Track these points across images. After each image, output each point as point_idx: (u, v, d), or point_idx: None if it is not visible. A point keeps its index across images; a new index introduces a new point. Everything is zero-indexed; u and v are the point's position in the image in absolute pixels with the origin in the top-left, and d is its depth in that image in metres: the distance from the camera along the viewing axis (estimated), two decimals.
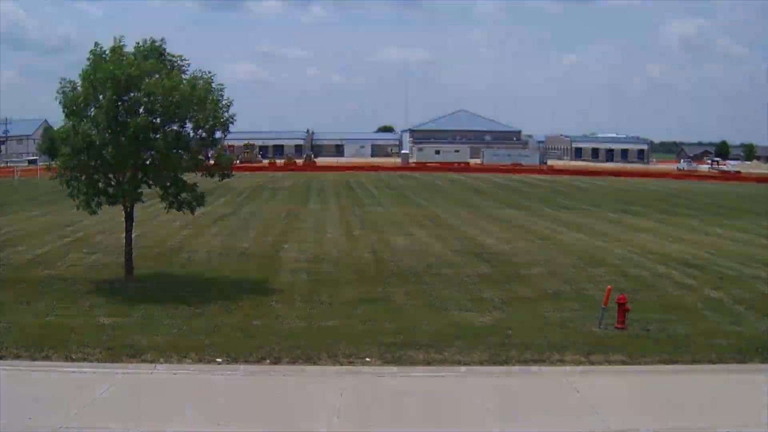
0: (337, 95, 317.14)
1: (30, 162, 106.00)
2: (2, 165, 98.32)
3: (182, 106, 17.62)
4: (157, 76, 17.73)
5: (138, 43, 18.12)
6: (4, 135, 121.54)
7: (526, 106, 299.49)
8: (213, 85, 18.36)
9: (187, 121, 18.31)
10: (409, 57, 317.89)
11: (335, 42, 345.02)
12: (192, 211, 19.52)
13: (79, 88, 17.73)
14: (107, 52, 17.63)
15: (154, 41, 18.22)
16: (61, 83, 17.82)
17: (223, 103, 18.49)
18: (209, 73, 18.46)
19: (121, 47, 17.75)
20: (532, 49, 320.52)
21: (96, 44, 17.71)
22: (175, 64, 18.43)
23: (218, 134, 18.87)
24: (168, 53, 18.37)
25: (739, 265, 23.03)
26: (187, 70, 18.56)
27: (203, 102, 17.96)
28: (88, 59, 17.72)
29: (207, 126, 18.37)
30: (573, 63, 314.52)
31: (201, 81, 18.26)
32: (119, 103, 17.55)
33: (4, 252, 23.76)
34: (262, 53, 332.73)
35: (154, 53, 18.09)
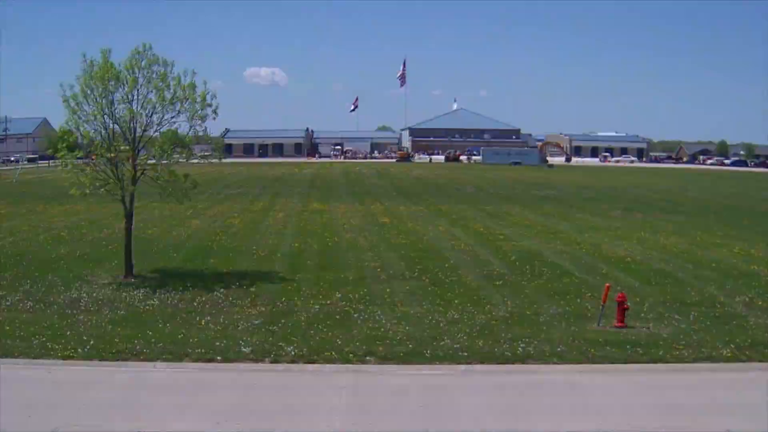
0: (337, 94, 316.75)
1: (30, 160, 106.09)
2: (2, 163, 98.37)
3: (174, 102, 19.12)
4: (154, 75, 19.09)
5: (132, 51, 19.20)
6: (3, 133, 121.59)
7: (526, 104, 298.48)
8: (197, 80, 19.61)
9: (180, 114, 19.58)
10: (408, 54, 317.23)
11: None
12: (181, 201, 20.91)
13: (77, 88, 18.77)
14: (97, 65, 18.63)
15: (144, 45, 19.35)
16: (61, 86, 18.85)
17: (210, 95, 19.64)
18: (194, 72, 19.70)
19: (111, 64, 18.66)
20: (531, 46, 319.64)
21: (83, 55, 18.78)
22: (164, 65, 19.44)
23: (209, 128, 20.55)
24: (156, 56, 19.42)
25: (738, 263, 23.01)
26: (174, 69, 19.73)
27: (191, 97, 19.28)
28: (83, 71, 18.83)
29: (198, 118, 19.61)
30: (572, 62, 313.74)
31: (187, 77, 19.48)
32: (113, 100, 18.88)
33: (2, 251, 23.75)
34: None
35: (144, 56, 19.17)
